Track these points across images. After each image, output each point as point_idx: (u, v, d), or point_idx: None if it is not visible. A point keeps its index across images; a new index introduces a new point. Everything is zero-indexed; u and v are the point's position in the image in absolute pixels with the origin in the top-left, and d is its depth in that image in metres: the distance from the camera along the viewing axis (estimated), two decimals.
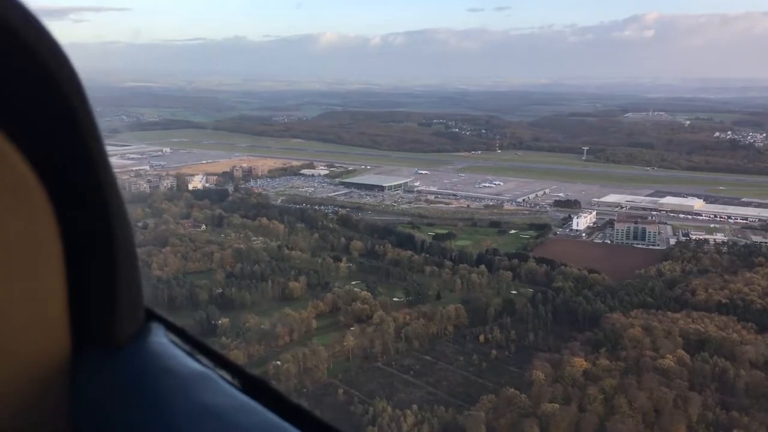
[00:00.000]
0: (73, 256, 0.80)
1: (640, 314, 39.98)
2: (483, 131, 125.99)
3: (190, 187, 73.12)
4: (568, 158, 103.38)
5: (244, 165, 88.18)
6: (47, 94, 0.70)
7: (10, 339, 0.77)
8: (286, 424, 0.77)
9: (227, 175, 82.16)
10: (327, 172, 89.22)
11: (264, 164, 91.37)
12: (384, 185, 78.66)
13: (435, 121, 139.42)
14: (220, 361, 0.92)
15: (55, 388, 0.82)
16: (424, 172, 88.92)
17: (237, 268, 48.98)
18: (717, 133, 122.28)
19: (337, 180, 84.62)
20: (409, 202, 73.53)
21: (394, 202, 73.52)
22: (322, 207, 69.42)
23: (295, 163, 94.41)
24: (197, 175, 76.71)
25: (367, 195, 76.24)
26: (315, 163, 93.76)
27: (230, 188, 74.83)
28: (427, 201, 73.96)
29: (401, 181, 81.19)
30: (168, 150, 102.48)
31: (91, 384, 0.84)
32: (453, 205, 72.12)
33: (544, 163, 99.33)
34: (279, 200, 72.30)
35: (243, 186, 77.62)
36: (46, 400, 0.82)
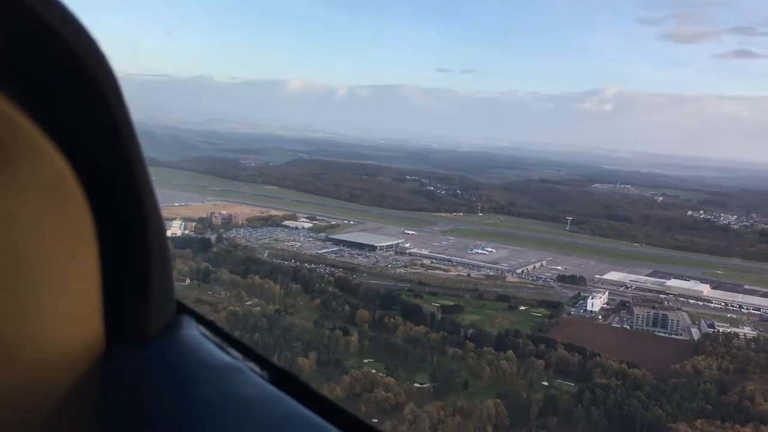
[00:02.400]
0: (106, 249, 0.81)
1: (706, 427, 34.99)
2: (458, 191, 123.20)
3: (169, 233, 64.59)
4: (551, 227, 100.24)
5: (224, 212, 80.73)
6: (85, 91, 0.69)
7: (46, 332, 0.78)
8: (313, 415, 0.77)
9: (206, 222, 74.86)
10: (311, 225, 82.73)
11: (241, 211, 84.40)
12: (375, 245, 72.66)
13: (408, 177, 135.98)
14: (248, 353, 0.93)
15: (89, 380, 0.83)
16: (411, 232, 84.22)
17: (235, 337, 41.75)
18: (689, 212, 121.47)
19: (323, 235, 78.27)
20: (405, 266, 67.59)
21: (389, 265, 67.46)
22: (313, 265, 62.90)
23: (274, 212, 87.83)
24: (175, 220, 69.11)
25: (358, 255, 70.17)
26: (297, 215, 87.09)
27: (212, 237, 67.52)
28: (423, 266, 67.99)
29: (392, 242, 75.56)
30: None
31: (124, 376, 0.85)
32: (452, 273, 66.56)
33: (530, 230, 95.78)
34: (266, 254, 65.46)
35: (225, 236, 70.42)
36: (81, 392, 0.82)
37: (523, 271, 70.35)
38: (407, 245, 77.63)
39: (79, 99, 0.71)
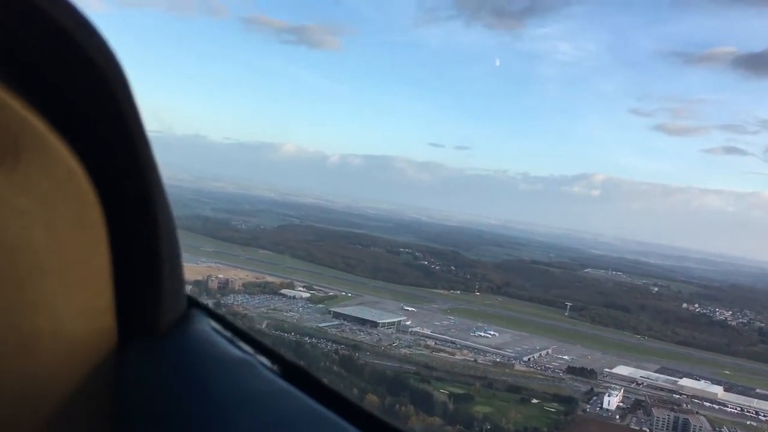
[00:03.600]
0: (118, 245, 0.81)
1: None
2: (452, 268, 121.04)
3: None
4: (550, 312, 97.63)
5: (220, 276, 77.09)
6: (96, 89, 0.70)
7: (59, 327, 0.78)
8: (324, 410, 0.76)
9: (202, 285, 70.43)
10: (309, 295, 78.88)
11: (236, 275, 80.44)
12: (377, 321, 69.35)
13: (402, 250, 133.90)
14: (260, 347, 0.93)
15: (102, 374, 0.84)
16: (410, 308, 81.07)
17: None
18: (684, 304, 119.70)
19: (322, 306, 74.36)
20: (409, 347, 64.19)
21: (392, 344, 64.19)
22: (314, 340, 59.54)
23: (270, 278, 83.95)
24: None
25: (360, 331, 66.73)
26: (294, 283, 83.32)
27: (209, 304, 63.55)
28: (427, 347, 64.73)
29: (393, 319, 72.30)
30: None
31: (137, 371, 0.85)
32: (457, 357, 63.28)
33: (529, 314, 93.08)
34: (264, 324, 61.50)
35: (223, 302, 66.24)
36: (93, 387, 0.83)
37: (529, 359, 67.09)
38: (408, 323, 74.15)
39: (90, 97, 0.71)
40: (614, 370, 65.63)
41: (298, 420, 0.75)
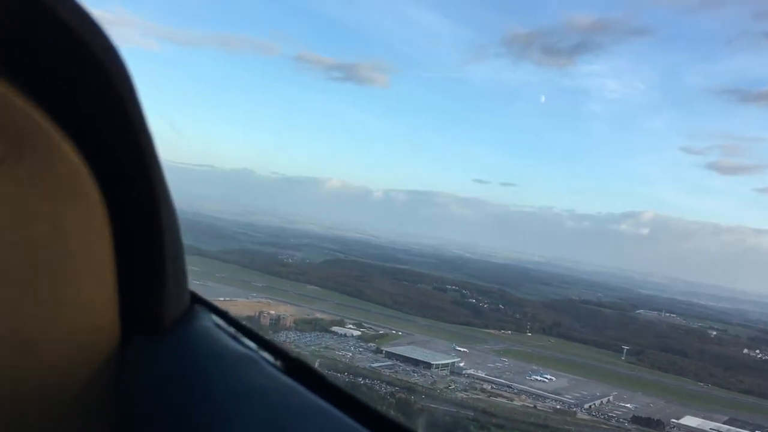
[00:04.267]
0: (121, 242, 0.81)
1: None
2: (501, 306, 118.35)
3: None
4: (605, 355, 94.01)
5: (272, 312, 76.10)
6: (100, 87, 0.70)
7: (63, 324, 0.79)
8: (328, 405, 0.76)
9: (254, 322, 70.18)
10: (359, 333, 77.51)
11: (286, 311, 79.73)
12: (430, 362, 67.25)
13: (449, 287, 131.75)
14: (263, 343, 0.93)
15: (105, 371, 0.83)
16: (462, 349, 78.69)
17: None
18: (745, 350, 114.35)
19: (373, 345, 72.74)
20: (465, 390, 61.77)
21: (448, 387, 61.95)
22: (368, 381, 57.60)
23: (319, 315, 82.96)
24: None
25: (414, 372, 64.57)
26: (344, 320, 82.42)
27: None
28: (483, 391, 62.21)
29: (447, 360, 70.08)
30: None
31: (140, 367, 0.85)
32: (516, 402, 60.50)
33: (584, 357, 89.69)
34: (317, 363, 60.54)
35: (274, 339, 65.42)
36: (97, 383, 0.83)
37: (591, 407, 63.83)
38: (462, 364, 71.79)
39: (94, 95, 0.71)
40: (682, 421, 62.22)
41: (301, 415, 0.75)
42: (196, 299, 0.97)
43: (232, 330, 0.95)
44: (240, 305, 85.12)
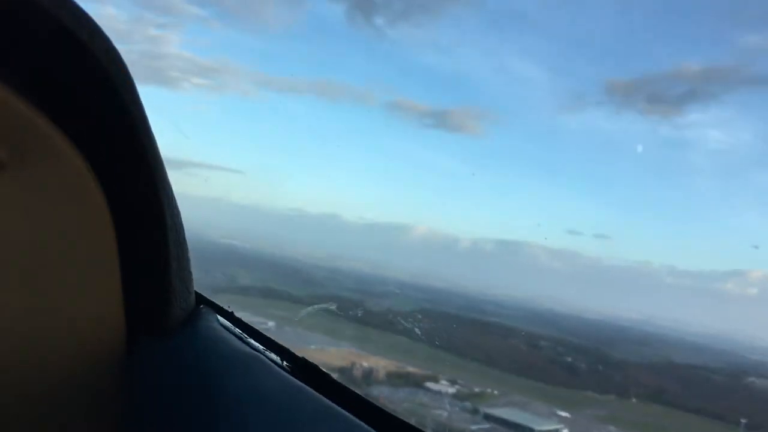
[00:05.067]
0: (125, 244, 0.81)
1: None
2: (599, 367, 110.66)
3: None
4: (722, 428, 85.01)
5: (364, 364, 73.26)
6: (101, 90, 0.70)
7: (68, 326, 0.79)
8: (334, 406, 0.77)
9: (347, 374, 66.61)
10: (454, 391, 72.55)
11: (377, 363, 76.17)
12: (533, 428, 61.59)
13: (543, 343, 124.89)
14: (269, 344, 0.94)
15: (111, 373, 0.84)
16: (564, 414, 72.43)
17: None
18: None
19: (469, 405, 67.69)
20: None
21: None
22: None
23: (410, 368, 78.91)
24: None
25: None
26: (438, 375, 78.09)
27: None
28: None
29: (550, 427, 63.86)
30: (272, 324, 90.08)
31: (146, 368, 0.86)
32: None
33: (698, 429, 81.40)
34: (412, 420, 56.60)
35: (368, 394, 62.07)
36: (104, 385, 0.84)
37: None
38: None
39: (96, 98, 0.72)
40: None
41: (307, 416, 0.75)
42: (202, 300, 0.97)
43: (238, 331, 0.95)
44: (331, 355, 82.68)
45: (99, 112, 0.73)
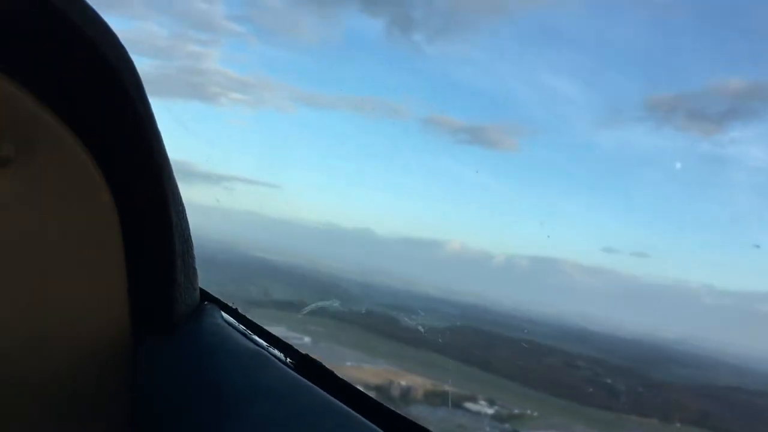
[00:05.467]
0: (131, 241, 0.82)
1: None
2: (639, 390, 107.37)
3: None
4: None
5: (402, 383, 71.50)
6: (108, 86, 0.71)
7: (74, 322, 0.80)
8: (338, 403, 0.77)
9: (384, 392, 65.31)
10: (492, 411, 70.29)
11: (414, 381, 74.55)
12: None
13: (580, 363, 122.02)
14: (273, 341, 0.94)
15: (117, 369, 0.84)
16: None
17: None
18: None
19: (509, 427, 65.17)
20: None
21: None
22: None
23: (447, 387, 76.40)
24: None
25: None
26: (476, 395, 75.93)
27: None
28: None
29: None
30: (308, 340, 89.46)
31: (151, 364, 0.86)
32: None
33: None
34: None
35: (406, 413, 60.16)
36: (108, 381, 0.84)
37: None
38: None
39: (102, 94, 0.72)
40: None
41: (312, 412, 0.75)
42: (207, 297, 0.97)
43: (242, 327, 0.96)
44: (367, 372, 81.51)
45: (106, 108, 0.73)
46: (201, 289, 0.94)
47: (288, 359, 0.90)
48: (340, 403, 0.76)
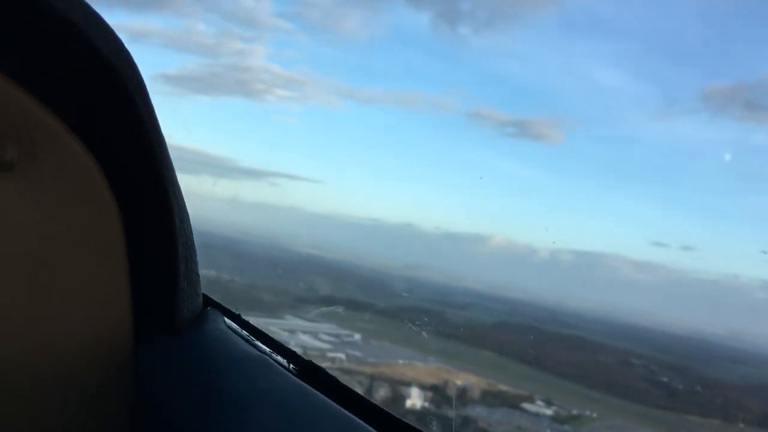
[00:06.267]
0: (134, 245, 0.81)
1: None
2: (698, 388, 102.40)
3: (408, 403, 53.52)
4: None
5: (458, 382, 68.27)
6: (112, 90, 0.70)
7: (77, 327, 0.79)
8: (340, 408, 0.77)
9: (439, 392, 62.27)
10: (551, 413, 66.72)
11: (468, 380, 71.46)
12: None
13: (634, 361, 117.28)
14: (276, 346, 0.93)
15: (119, 373, 0.84)
16: None
17: None
18: None
19: (569, 428, 61.87)
20: None
21: None
22: None
23: (503, 387, 73.68)
24: (412, 387, 57.16)
25: None
26: (533, 395, 72.37)
27: (450, 414, 54.65)
28: None
29: None
30: (358, 337, 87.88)
31: (154, 369, 0.85)
32: None
33: None
34: None
35: (464, 414, 57.35)
36: (111, 386, 0.83)
37: None
38: None
39: (106, 98, 0.72)
40: None
41: (314, 418, 0.75)
42: (209, 302, 0.97)
43: (245, 333, 0.95)
44: (420, 370, 78.66)
45: (109, 111, 0.73)
46: (204, 295, 0.93)
47: (291, 365, 0.89)
48: (343, 409, 0.75)
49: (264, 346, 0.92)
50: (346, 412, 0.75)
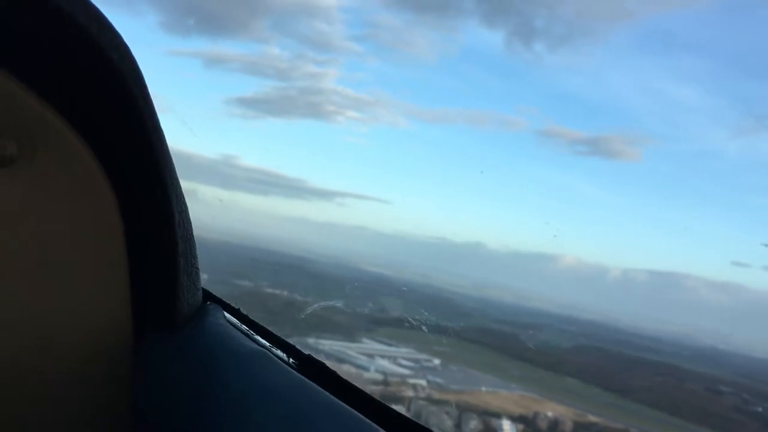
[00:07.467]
0: (134, 241, 0.81)
1: None
2: None
3: None
4: None
5: (549, 413, 64.02)
6: (111, 86, 0.70)
7: (77, 322, 0.79)
8: (340, 403, 0.77)
9: (530, 424, 58.15)
10: None
11: (556, 411, 66.89)
12: None
13: (723, 388, 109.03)
14: (275, 341, 0.93)
15: (119, 369, 0.83)
16: None
17: None
18: None
19: None
20: None
21: None
22: None
23: (593, 418, 68.79)
24: (503, 419, 53.59)
25: None
26: (629, 430, 67.08)
27: None
28: None
29: None
30: (437, 362, 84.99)
31: (153, 365, 0.85)
32: None
33: None
34: None
35: None
36: (111, 381, 0.83)
37: None
38: None
39: (106, 94, 0.71)
40: None
41: (314, 413, 0.75)
42: (209, 297, 0.96)
43: (245, 327, 0.95)
44: (505, 399, 74.07)
45: (109, 108, 0.73)
46: (203, 289, 0.93)
47: (290, 359, 0.89)
48: (343, 404, 0.75)
49: (264, 341, 0.91)
50: (346, 407, 0.75)
